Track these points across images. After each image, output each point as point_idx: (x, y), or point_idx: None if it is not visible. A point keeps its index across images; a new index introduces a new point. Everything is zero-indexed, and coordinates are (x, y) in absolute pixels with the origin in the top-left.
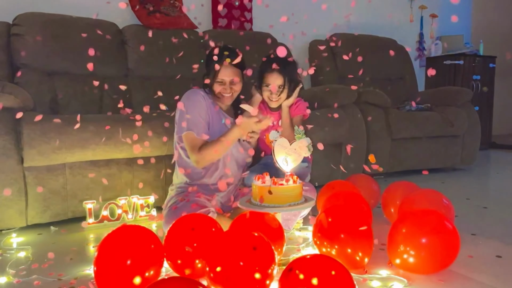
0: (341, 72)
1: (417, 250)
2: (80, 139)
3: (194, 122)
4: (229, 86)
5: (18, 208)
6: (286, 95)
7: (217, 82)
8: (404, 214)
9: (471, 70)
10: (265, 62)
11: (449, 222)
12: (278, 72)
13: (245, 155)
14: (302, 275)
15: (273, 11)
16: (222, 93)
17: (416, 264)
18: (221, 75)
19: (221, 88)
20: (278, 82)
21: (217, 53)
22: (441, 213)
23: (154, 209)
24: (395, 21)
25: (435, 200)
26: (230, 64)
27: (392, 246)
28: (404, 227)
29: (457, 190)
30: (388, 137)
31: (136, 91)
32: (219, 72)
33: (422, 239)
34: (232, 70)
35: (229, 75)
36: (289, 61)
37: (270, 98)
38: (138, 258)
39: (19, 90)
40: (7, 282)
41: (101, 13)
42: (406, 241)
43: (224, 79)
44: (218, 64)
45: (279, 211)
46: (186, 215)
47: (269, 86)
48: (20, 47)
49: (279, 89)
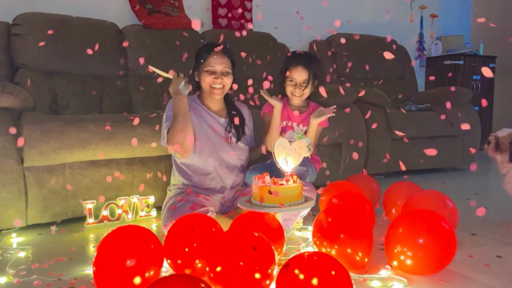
0: (341, 72)
1: (414, 250)
2: (80, 139)
3: (166, 118)
4: (220, 76)
5: (18, 208)
6: (309, 91)
7: (207, 72)
8: (400, 215)
9: (471, 70)
10: (290, 57)
11: (445, 222)
12: (303, 66)
13: (235, 159)
14: (298, 271)
15: (273, 11)
16: (212, 85)
17: (413, 265)
18: (212, 63)
19: (211, 78)
20: (302, 76)
21: (207, 45)
22: (437, 213)
23: (154, 209)
24: (395, 21)
25: (439, 202)
26: (222, 52)
27: (390, 248)
28: (401, 228)
29: (457, 190)
30: (388, 137)
31: (136, 91)
32: (209, 60)
33: (419, 239)
34: (223, 59)
35: (221, 63)
36: (314, 57)
37: (293, 93)
38: (137, 258)
39: (19, 90)
40: (7, 282)
41: (101, 13)
42: (402, 242)
43: (215, 67)
44: (207, 53)
45: (279, 211)
46: (186, 215)
47: (293, 80)
48: (20, 47)
49: (303, 84)
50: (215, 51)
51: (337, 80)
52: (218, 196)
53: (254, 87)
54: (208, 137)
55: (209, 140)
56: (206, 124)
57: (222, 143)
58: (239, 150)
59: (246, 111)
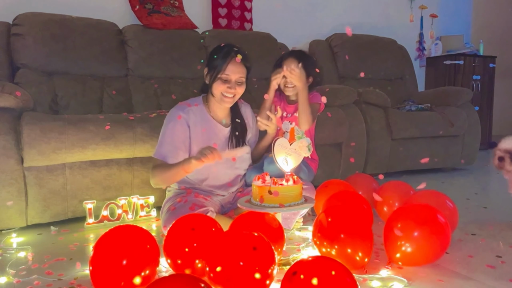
0: (341, 72)
1: (411, 242)
2: (80, 139)
3: (160, 141)
4: (234, 85)
5: (18, 208)
6: None
7: (221, 80)
8: (396, 210)
9: (471, 70)
10: (283, 54)
11: (441, 215)
12: (294, 57)
13: (237, 168)
14: (306, 279)
15: (273, 11)
16: (225, 93)
17: (411, 255)
18: (229, 71)
19: (225, 87)
20: (293, 66)
21: (224, 49)
22: (433, 206)
23: (154, 209)
24: (395, 21)
25: (438, 201)
26: (241, 61)
27: (388, 242)
28: (398, 222)
29: (457, 190)
30: (388, 137)
31: (136, 91)
32: (226, 68)
33: (414, 232)
34: (241, 68)
35: (237, 72)
36: (307, 54)
37: (286, 85)
38: (133, 258)
39: (19, 90)
40: (7, 282)
41: (101, 13)
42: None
43: (230, 76)
44: (225, 59)
45: (279, 211)
46: (186, 215)
47: None
48: (20, 47)
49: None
50: (234, 60)
51: (337, 80)
52: (218, 197)
53: (254, 87)
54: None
55: None
56: (212, 140)
57: None
58: (239, 159)
59: (249, 111)
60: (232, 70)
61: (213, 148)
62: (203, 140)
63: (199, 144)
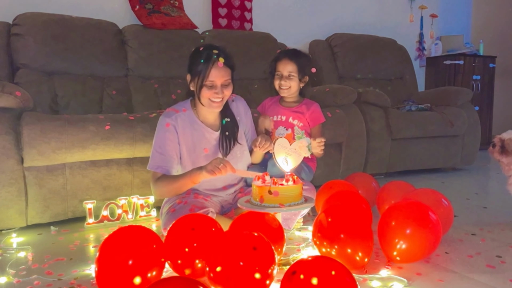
0: (341, 72)
1: (404, 239)
2: (80, 139)
3: (152, 152)
4: (221, 90)
5: (18, 208)
6: (297, 84)
7: (206, 87)
8: (389, 208)
9: (471, 70)
10: (278, 53)
11: (432, 212)
12: (288, 58)
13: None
14: (305, 279)
15: (273, 11)
16: (212, 99)
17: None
18: (212, 77)
19: (211, 92)
20: (288, 68)
21: (204, 53)
22: (425, 204)
23: (154, 209)
24: (395, 21)
25: (434, 199)
26: (224, 63)
27: (384, 239)
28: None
29: (457, 190)
30: (388, 137)
31: (136, 91)
32: (209, 74)
33: (407, 229)
34: (224, 71)
35: (221, 76)
36: (302, 53)
37: (280, 86)
38: (140, 259)
39: (19, 90)
40: (7, 282)
41: (101, 13)
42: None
43: (215, 81)
44: (207, 64)
45: (279, 211)
46: (186, 215)
47: (279, 73)
48: (20, 47)
49: (289, 77)
50: (216, 64)
51: (337, 80)
52: (218, 198)
53: (254, 87)
54: (205, 158)
55: (206, 160)
56: (202, 145)
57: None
58: (234, 159)
59: (242, 105)
60: (216, 75)
61: (226, 160)
62: (194, 145)
63: (190, 149)
